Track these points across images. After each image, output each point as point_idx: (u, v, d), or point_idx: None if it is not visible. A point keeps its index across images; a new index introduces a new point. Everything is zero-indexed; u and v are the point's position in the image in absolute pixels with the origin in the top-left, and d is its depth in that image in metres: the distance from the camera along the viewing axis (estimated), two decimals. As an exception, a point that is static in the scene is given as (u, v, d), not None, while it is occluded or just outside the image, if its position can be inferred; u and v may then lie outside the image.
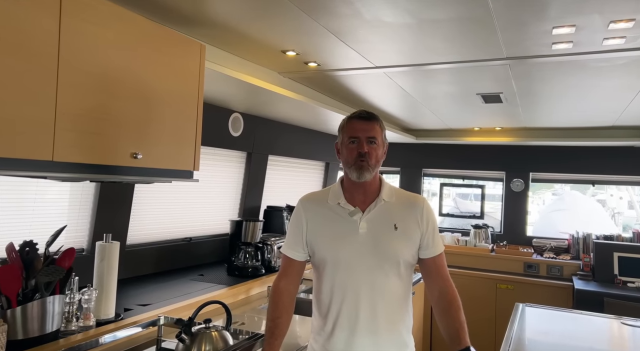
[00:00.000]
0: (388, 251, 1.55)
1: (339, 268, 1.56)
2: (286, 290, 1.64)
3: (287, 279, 1.66)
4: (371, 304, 1.53)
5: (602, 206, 5.04)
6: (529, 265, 4.10)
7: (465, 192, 5.27)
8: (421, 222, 1.60)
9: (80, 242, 2.27)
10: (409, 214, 1.61)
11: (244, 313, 2.29)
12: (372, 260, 1.54)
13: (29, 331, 1.49)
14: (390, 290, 1.55)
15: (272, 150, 3.55)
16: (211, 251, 3.12)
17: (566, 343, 1.99)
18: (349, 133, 1.62)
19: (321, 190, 1.73)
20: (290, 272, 1.67)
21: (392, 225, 1.58)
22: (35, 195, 2.04)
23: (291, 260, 1.66)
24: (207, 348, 1.57)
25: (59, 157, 1.41)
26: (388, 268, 1.55)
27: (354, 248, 1.55)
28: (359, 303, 1.53)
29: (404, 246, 1.57)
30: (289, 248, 1.66)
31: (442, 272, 1.62)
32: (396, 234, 1.57)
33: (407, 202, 1.64)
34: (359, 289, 1.54)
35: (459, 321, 1.53)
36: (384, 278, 1.54)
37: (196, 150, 1.96)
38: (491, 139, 4.34)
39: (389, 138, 4.87)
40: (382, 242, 1.56)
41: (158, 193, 2.72)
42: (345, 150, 1.63)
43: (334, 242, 1.58)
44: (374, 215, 1.59)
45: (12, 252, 1.52)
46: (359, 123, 1.61)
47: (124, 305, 2.01)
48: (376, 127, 1.61)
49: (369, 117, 1.62)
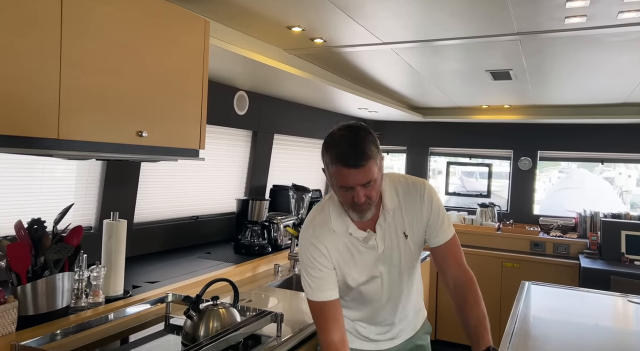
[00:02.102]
0: (406, 260, 1.54)
1: (364, 288, 1.53)
2: (340, 341, 1.42)
3: (335, 326, 1.43)
4: (393, 301, 1.58)
5: (610, 184, 5.00)
6: (535, 243, 4.09)
7: (470, 170, 5.24)
8: (427, 212, 1.51)
9: (87, 220, 2.29)
10: (414, 212, 1.52)
11: (251, 291, 2.31)
12: (394, 271, 1.54)
13: (39, 307, 1.51)
14: (408, 285, 1.59)
15: (278, 129, 3.53)
16: (218, 229, 3.14)
17: (571, 321, 2.00)
18: (338, 181, 1.36)
19: (319, 215, 1.51)
20: (333, 315, 1.44)
21: (402, 234, 1.52)
22: (42, 173, 2.04)
23: (330, 303, 1.44)
24: (215, 324, 1.59)
25: (64, 135, 1.40)
26: (407, 271, 1.56)
27: (377, 269, 1.51)
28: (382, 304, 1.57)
29: (417, 249, 1.56)
30: (324, 291, 1.44)
31: (453, 260, 1.52)
32: (408, 242, 1.52)
33: (411, 197, 1.52)
34: (381, 292, 1.55)
35: (475, 319, 1.44)
36: (404, 280, 1.57)
37: (202, 129, 1.95)
38: (499, 117, 4.28)
39: (395, 116, 4.84)
40: (398, 253, 1.52)
41: (164, 172, 2.73)
42: (337, 192, 1.42)
43: (360, 270, 1.50)
44: (385, 230, 1.50)
45: (20, 229, 1.53)
46: (348, 173, 1.33)
47: (132, 282, 2.03)
48: (371, 167, 1.34)
49: (358, 162, 1.31)
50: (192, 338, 1.58)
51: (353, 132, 1.36)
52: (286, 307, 2.09)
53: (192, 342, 1.54)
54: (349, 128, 1.37)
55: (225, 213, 3.23)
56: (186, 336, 1.61)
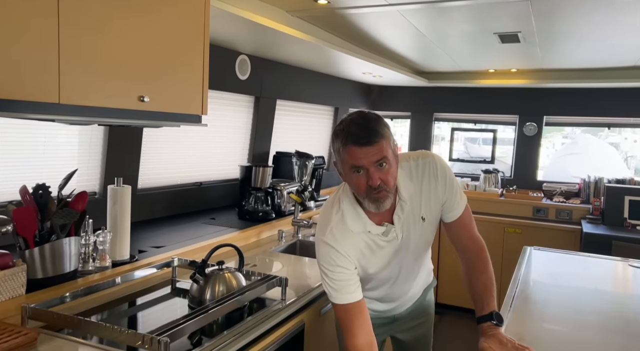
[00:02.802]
0: (424, 241, 1.56)
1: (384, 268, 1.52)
2: (367, 344, 1.36)
3: (362, 329, 1.37)
4: (409, 279, 1.63)
5: (616, 149, 4.96)
6: (538, 209, 4.11)
7: (474, 136, 5.20)
8: (441, 192, 1.49)
9: (92, 186, 2.30)
10: (430, 194, 1.48)
11: (256, 256, 2.34)
12: (411, 253, 1.54)
13: (47, 270, 1.54)
14: (423, 260, 1.66)
15: (281, 95, 3.49)
16: (222, 195, 3.16)
17: (571, 285, 2.02)
18: (349, 161, 1.31)
19: (333, 216, 1.44)
20: (359, 318, 1.38)
21: (420, 219, 1.49)
22: (44, 139, 2.04)
23: (355, 304, 1.39)
24: (220, 288, 1.62)
25: (66, 100, 1.38)
26: (423, 249, 1.61)
27: (397, 256, 1.51)
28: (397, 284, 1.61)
29: (434, 227, 1.56)
30: (348, 293, 1.39)
31: (465, 231, 1.54)
32: (426, 224, 1.51)
33: (425, 181, 1.48)
34: (398, 275, 1.58)
35: (482, 284, 1.45)
36: (421, 258, 1.62)
37: (204, 94, 1.92)
38: (506, 82, 4.22)
39: (400, 81, 4.78)
40: (415, 237, 1.51)
41: (167, 138, 2.71)
42: (350, 179, 1.35)
43: (380, 261, 1.49)
44: (403, 220, 1.47)
45: (26, 194, 1.54)
46: (360, 151, 1.28)
47: (138, 247, 2.06)
48: (382, 143, 1.29)
49: (370, 139, 1.27)
50: (198, 302, 1.61)
51: (362, 114, 1.33)
52: (290, 272, 2.12)
53: (198, 305, 1.57)
54: (358, 112, 1.36)
55: (229, 180, 3.23)
56: (193, 299, 1.64)
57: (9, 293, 1.43)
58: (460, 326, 3.88)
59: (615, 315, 1.71)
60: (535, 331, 1.52)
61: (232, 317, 1.57)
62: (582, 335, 1.51)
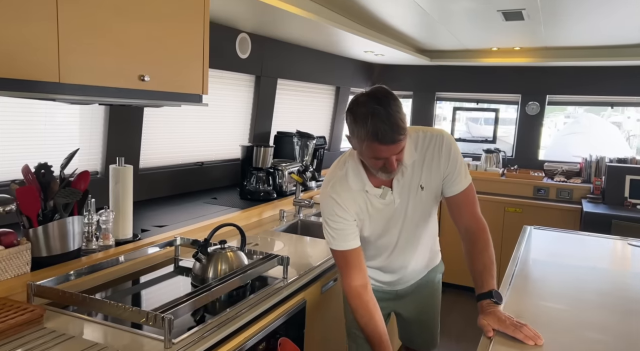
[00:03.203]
0: (420, 210, 1.60)
1: (381, 236, 1.62)
2: (362, 286, 1.51)
3: (358, 273, 1.52)
4: (409, 250, 1.67)
5: (618, 128, 4.94)
6: (539, 188, 4.11)
7: (476, 116, 5.18)
8: (444, 165, 1.53)
9: (93, 165, 2.30)
10: (433, 164, 1.54)
11: (257, 235, 2.36)
12: (409, 220, 1.60)
13: (52, 249, 1.56)
14: (424, 233, 1.67)
15: (282, 74, 3.46)
16: (223, 175, 3.16)
17: (571, 263, 2.04)
18: (371, 154, 1.38)
19: (337, 173, 1.55)
20: (355, 263, 1.52)
21: (419, 187, 1.56)
22: (45, 118, 2.03)
23: (353, 251, 1.52)
24: (223, 267, 1.63)
25: (66, 79, 1.37)
26: (422, 221, 1.64)
27: (394, 219, 1.58)
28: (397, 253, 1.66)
29: (432, 199, 1.60)
30: (346, 241, 1.51)
31: (467, 209, 1.56)
32: (423, 194, 1.57)
33: (429, 152, 1.53)
34: (396, 243, 1.64)
35: (482, 264, 1.49)
36: (420, 228, 1.65)
37: (204, 73, 1.91)
38: (509, 60, 4.17)
39: (402, 60, 4.73)
40: (414, 204, 1.57)
41: (168, 118, 2.71)
42: (367, 160, 1.44)
43: (376, 224, 1.58)
44: (402, 185, 1.54)
45: (28, 173, 1.54)
46: (385, 149, 1.35)
47: (140, 226, 2.07)
48: (403, 140, 1.36)
49: (395, 138, 1.32)
50: (201, 280, 1.63)
51: (383, 104, 1.32)
52: (292, 251, 2.14)
53: (201, 283, 1.59)
54: (378, 99, 1.33)
55: (230, 160, 3.24)
56: (195, 277, 1.66)
57: (14, 271, 1.44)
58: (460, 304, 3.94)
59: (613, 293, 1.72)
60: (533, 309, 1.54)
61: (234, 295, 1.59)
62: (580, 312, 1.53)
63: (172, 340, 1.22)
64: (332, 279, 2.06)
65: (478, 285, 1.47)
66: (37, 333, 1.24)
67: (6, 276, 1.43)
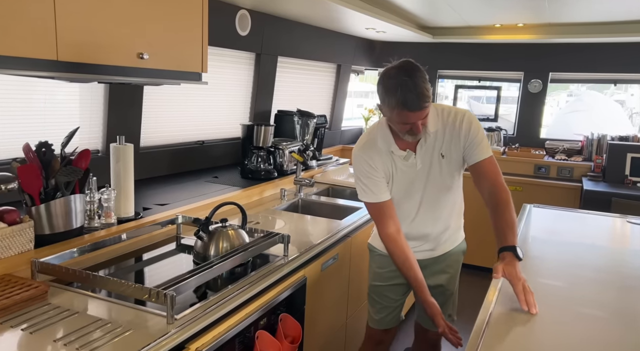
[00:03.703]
0: (440, 178, 1.77)
1: (406, 197, 1.80)
2: (396, 231, 1.75)
3: (392, 221, 1.75)
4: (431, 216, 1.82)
5: (621, 106, 4.90)
6: (540, 166, 4.11)
7: (478, 94, 5.14)
8: (464, 136, 1.71)
9: (94, 144, 2.30)
10: (452, 136, 1.72)
11: (259, 213, 2.38)
12: (431, 186, 1.78)
13: (54, 226, 1.57)
14: (446, 203, 1.82)
15: (282, 51, 3.42)
16: (224, 154, 3.16)
17: (569, 241, 2.06)
18: (400, 119, 1.58)
19: (368, 136, 1.79)
20: (388, 213, 1.75)
21: (440, 155, 1.74)
22: (44, 96, 2.03)
23: (384, 204, 1.74)
24: (224, 245, 1.65)
25: (64, 57, 1.37)
26: (444, 188, 1.80)
27: (417, 182, 1.77)
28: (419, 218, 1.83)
29: (452, 168, 1.77)
30: (377, 193, 1.74)
31: (489, 176, 1.72)
32: (444, 162, 1.75)
33: (451, 124, 1.72)
34: (418, 208, 1.81)
35: (504, 221, 1.62)
36: (442, 196, 1.80)
37: (203, 50, 1.89)
38: (512, 37, 4.11)
39: (404, 37, 4.67)
40: (434, 171, 1.76)
41: (168, 96, 2.69)
42: (396, 125, 1.64)
43: (401, 182, 1.77)
44: (424, 151, 1.74)
45: (29, 152, 1.55)
46: (412, 115, 1.55)
47: (142, 204, 2.09)
48: (428, 107, 1.56)
49: (421, 105, 1.53)
50: (203, 257, 1.65)
51: (410, 76, 1.52)
52: (292, 229, 2.16)
53: (203, 261, 1.61)
54: (406, 72, 1.53)
55: (231, 138, 3.23)
56: (197, 255, 1.68)
57: (18, 248, 1.46)
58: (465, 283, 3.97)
59: (611, 269, 1.75)
60: (530, 286, 1.56)
61: (236, 272, 1.61)
62: (577, 289, 1.55)
63: (175, 316, 1.24)
64: (332, 257, 2.08)
65: (501, 239, 1.59)
66: (42, 309, 1.26)
67: (10, 253, 1.44)
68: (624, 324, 1.31)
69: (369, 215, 2.42)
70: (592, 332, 1.26)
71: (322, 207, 2.76)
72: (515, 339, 1.23)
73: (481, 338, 1.19)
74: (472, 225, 2.50)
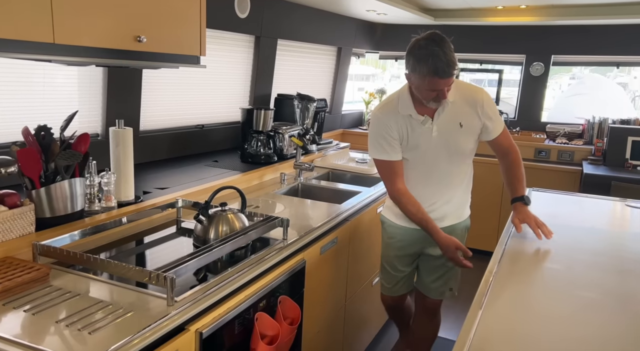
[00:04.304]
0: (456, 146, 1.92)
1: (418, 162, 1.95)
2: (403, 187, 1.94)
3: (400, 178, 1.94)
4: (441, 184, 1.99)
5: (623, 89, 4.86)
6: (540, 150, 4.10)
7: (480, 77, 5.10)
8: (481, 114, 1.90)
9: (93, 127, 2.30)
10: (471, 110, 1.90)
11: (258, 198, 2.38)
12: (445, 154, 1.93)
13: (55, 210, 1.58)
14: (455, 175, 1.99)
15: (282, 34, 3.39)
16: (224, 138, 3.16)
17: (568, 224, 2.06)
18: (430, 86, 1.74)
19: (390, 100, 1.94)
20: (399, 172, 1.94)
21: (458, 124, 1.90)
22: (43, 79, 2.02)
23: (394, 163, 1.92)
24: (224, 228, 1.66)
25: (61, 40, 1.36)
26: (456, 158, 1.96)
27: (430, 148, 1.91)
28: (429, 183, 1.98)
29: (469, 139, 1.95)
30: (389, 153, 1.91)
31: (506, 142, 2.00)
32: (462, 131, 1.91)
33: (468, 98, 1.89)
34: (430, 174, 1.97)
35: (516, 176, 1.99)
36: (454, 166, 1.97)
37: (202, 33, 1.88)
38: (514, 19, 4.07)
39: (405, 19, 4.61)
40: (451, 139, 1.91)
41: (167, 80, 2.68)
42: (422, 92, 1.79)
43: (414, 147, 1.92)
44: (442, 119, 1.88)
45: (28, 135, 1.55)
46: (441, 82, 1.72)
47: (142, 188, 2.09)
48: (455, 75, 1.74)
49: (450, 72, 1.70)
50: (203, 241, 1.66)
51: (439, 45, 1.70)
52: (292, 213, 2.17)
53: (203, 244, 1.62)
54: (435, 42, 1.71)
55: (231, 122, 3.23)
56: (197, 238, 1.69)
57: (19, 231, 1.47)
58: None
59: (609, 253, 1.76)
60: (527, 269, 1.57)
61: (235, 255, 1.63)
62: (574, 272, 1.56)
63: (175, 298, 1.26)
64: (331, 241, 2.09)
65: (512, 191, 1.98)
66: (44, 291, 1.28)
67: (11, 236, 1.46)
68: (621, 307, 1.33)
69: (368, 198, 2.46)
70: (590, 315, 1.27)
71: (321, 191, 2.77)
72: (513, 319, 1.24)
73: (480, 312, 1.20)
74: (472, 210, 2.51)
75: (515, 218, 1.89)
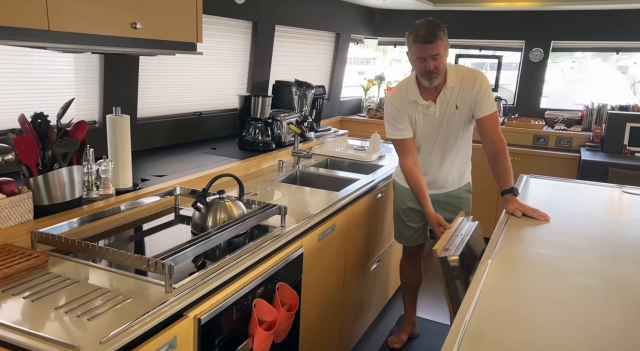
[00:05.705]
0: (453, 126, 2.25)
1: (424, 138, 2.30)
2: (413, 163, 2.27)
3: (411, 155, 2.27)
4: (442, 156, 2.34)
5: (623, 74, 4.84)
6: (538, 137, 4.10)
7: (480, 62, 5.07)
8: (475, 93, 2.15)
9: (91, 115, 2.30)
10: (467, 91, 2.16)
11: (257, 185, 2.39)
12: (444, 132, 2.27)
13: (53, 197, 1.58)
14: (455, 147, 2.31)
15: (280, 20, 3.36)
16: (222, 125, 3.15)
17: (565, 210, 2.07)
18: (415, 53, 2.05)
19: (400, 87, 2.27)
20: (408, 149, 2.27)
21: (455, 106, 2.20)
22: (39, 66, 2.00)
23: (405, 140, 2.26)
24: (222, 216, 1.66)
25: (55, 26, 1.35)
26: (455, 135, 2.28)
27: (434, 127, 2.26)
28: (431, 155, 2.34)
29: (464, 118, 2.23)
30: (401, 131, 2.26)
31: (491, 128, 2.16)
32: (457, 112, 2.21)
33: (466, 81, 2.16)
34: (433, 145, 2.31)
35: (504, 167, 2.12)
36: (451, 142, 2.29)
37: (197, 19, 1.86)
38: (514, 4, 4.04)
39: (404, 5, 4.58)
40: (448, 119, 2.23)
41: (164, 67, 2.66)
42: (415, 65, 2.09)
43: (420, 127, 2.27)
44: (443, 102, 2.20)
45: (25, 123, 1.54)
46: (422, 47, 2.01)
47: (140, 175, 2.10)
48: (438, 43, 2.00)
49: (430, 39, 1.98)
50: (201, 228, 1.66)
51: (428, 21, 2.02)
52: (290, 200, 2.17)
53: (201, 231, 1.63)
54: (427, 21, 2.02)
55: (229, 109, 3.21)
56: (195, 226, 1.70)
57: (17, 218, 1.48)
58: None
59: (604, 239, 1.76)
60: (523, 255, 1.58)
61: (233, 243, 1.63)
62: (569, 258, 1.57)
63: (173, 285, 1.27)
64: (329, 228, 2.10)
65: (501, 183, 2.11)
66: (43, 278, 1.29)
67: (9, 224, 1.46)
68: (617, 293, 1.34)
69: (366, 186, 2.46)
70: (586, 300, 1.29)
71: (320, 178, 2.77)
72: (509, 304, 1.25)
73: (475, 302, 1.21)
74: (473, 197, 2.53)
75: (511, 207, 1.98)
